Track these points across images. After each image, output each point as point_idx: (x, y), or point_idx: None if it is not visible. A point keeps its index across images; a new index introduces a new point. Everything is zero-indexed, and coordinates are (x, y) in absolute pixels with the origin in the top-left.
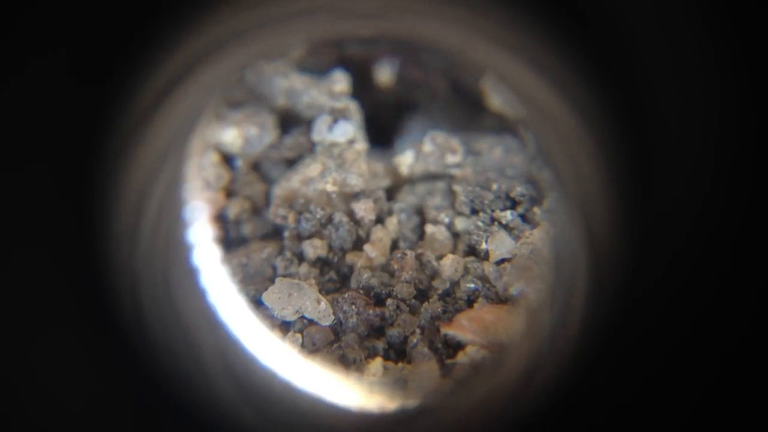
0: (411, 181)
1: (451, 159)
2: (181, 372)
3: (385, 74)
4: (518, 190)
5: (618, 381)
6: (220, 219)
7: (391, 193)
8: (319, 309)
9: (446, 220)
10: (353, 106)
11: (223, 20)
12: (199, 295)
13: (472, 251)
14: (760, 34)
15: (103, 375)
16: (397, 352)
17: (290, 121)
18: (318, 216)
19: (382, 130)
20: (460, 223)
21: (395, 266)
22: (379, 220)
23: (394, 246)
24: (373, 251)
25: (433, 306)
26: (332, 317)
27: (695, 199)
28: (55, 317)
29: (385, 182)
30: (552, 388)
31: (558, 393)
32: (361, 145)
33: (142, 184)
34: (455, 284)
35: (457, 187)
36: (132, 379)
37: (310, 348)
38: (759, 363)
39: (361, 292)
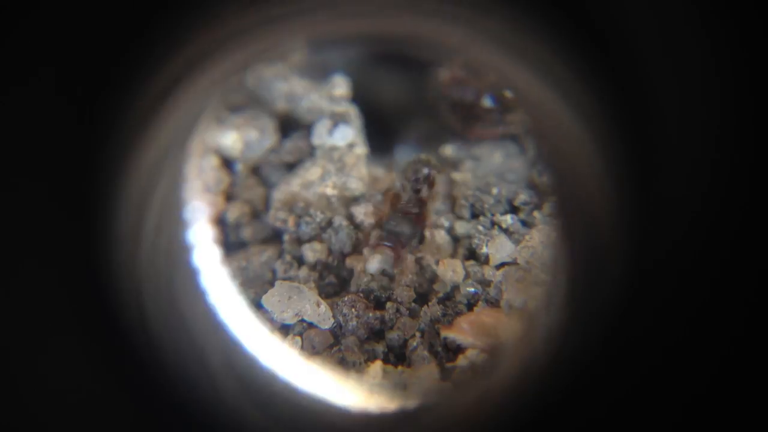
0: None
1: None
2: (184, 372)
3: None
4: (518, 194)
5: (616, 382)
6: (220, 223)
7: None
8: (319, 312)
9: (446, 224)
10: (353, 110)
11: (223, 21)
12: (200, 296)
13: (472, 255)
14: (760, 34)
15: (107, 376)
16: (397, 356)
17: (290, 125)
18: (318, 220)
19: (382, 134)
20: (460, 227)
21: (395, 270)
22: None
23: None
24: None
25: (432, 309)
26: (332, 320)
27: (695, 201)
28: (57, 320)
29: (385, 186)
30: (550, 389)
31: (556, 394)
32: (361, 149)
33: (143, 186)
34: (455, 288)
35: (457, 191)
36: (136, 379)
37: (310, 351)
38: (758, 361)
39: (361, 295)
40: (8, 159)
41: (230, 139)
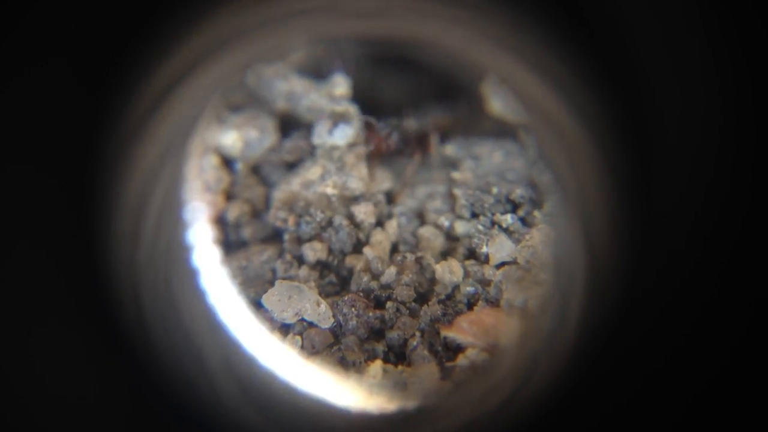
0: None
1: None
2: (183, 372)
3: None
4: (518, 193)
5: (616, 382)
6: (220, 222)
7: (391, 197)
8: (319, 311)
9: (446, 223)
10: (353, 110)
11: (223, 20)
12: (200, 296)
13: (472, 254)
14: (760, 34)
15: (105, 376)
16: (397, 355)
17: (290, 124)
18: (318, 219)
19: None
20: (461, 227)
21: (395, 269)
22: (379, 223)
23: (394, 249)
24: (372, 254)
25: (432, 309)
26: (332, 320)
27: (695, 202)
28: (56, 319)
29: (386, 186)
30: (550, 389)
31: (556, 394)
32: (362, 148)
33: (143, 185)
34: (455, 287)
35: (457, 191)
36: (133, 380)
37: (310, 350)
38: (757, 365)
39: (361, 294)
40: (7, 160)
41: (230, 139)
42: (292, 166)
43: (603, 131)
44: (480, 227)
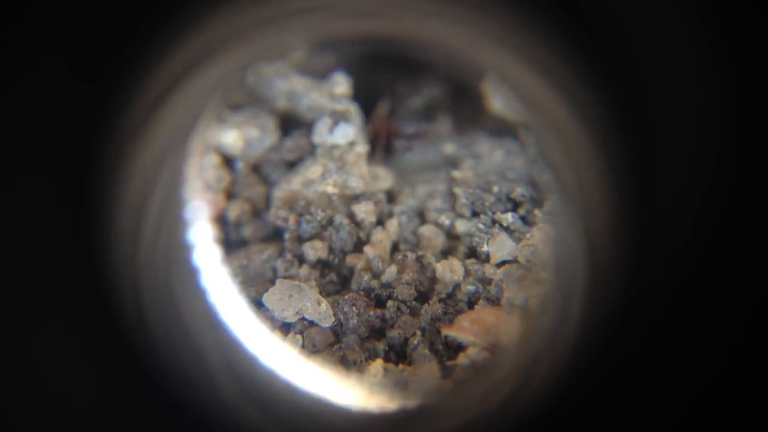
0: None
1: None
2: (182, 372)
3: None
4: (519, 192)
5: (616, 382)
6: (221, 221)
7: (391, 196)
8: (320, 310)
9: (447, 222)
10: (354, 109)
11: (223, 20)
12: (200, 295)
13: (472, 253)
14: (760, 33)
15: (105, 376)
16: (398, 354)
17: (291, 123)
18: (318, 218)
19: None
20: (461, 226)
21: (396, 268)
22: (380, 222)
23: (395, 248)
24: (373, 253)
25: (433, 308)
26: (333, 319)
27: (695, 202)
28: (56, 318)
29: (386, 184)
30: (551, 388)
31: (556, 393)
32: (362, 147)
33: (143, 184)
34: (456, 286)
35: (458, 190)
36: (134, 379)
37: (311, 349)
38: (756, 364)
39: (362, 293)
40: (7, 160)
41: (231, 138)
42: (292, 165)
43: (604, 131)
44: (481, 226)
